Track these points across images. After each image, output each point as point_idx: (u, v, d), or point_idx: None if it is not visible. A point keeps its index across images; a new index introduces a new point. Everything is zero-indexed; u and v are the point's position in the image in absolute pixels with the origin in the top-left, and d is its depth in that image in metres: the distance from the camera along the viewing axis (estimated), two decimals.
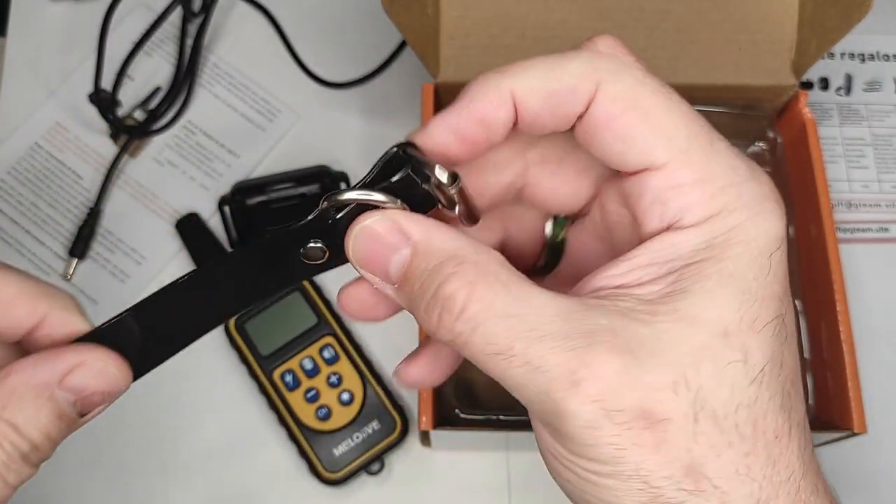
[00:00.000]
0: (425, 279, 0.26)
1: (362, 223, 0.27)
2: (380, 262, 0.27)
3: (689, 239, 0.26)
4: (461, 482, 0.54)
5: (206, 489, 0.54)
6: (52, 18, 0.65)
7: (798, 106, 0.54)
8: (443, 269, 0.25)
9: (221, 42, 0.65)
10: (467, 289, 0.25)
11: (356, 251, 0.27)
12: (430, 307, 0.25)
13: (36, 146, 0.62)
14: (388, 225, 0.26)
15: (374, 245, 0.27)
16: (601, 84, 0.26)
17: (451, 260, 0.25)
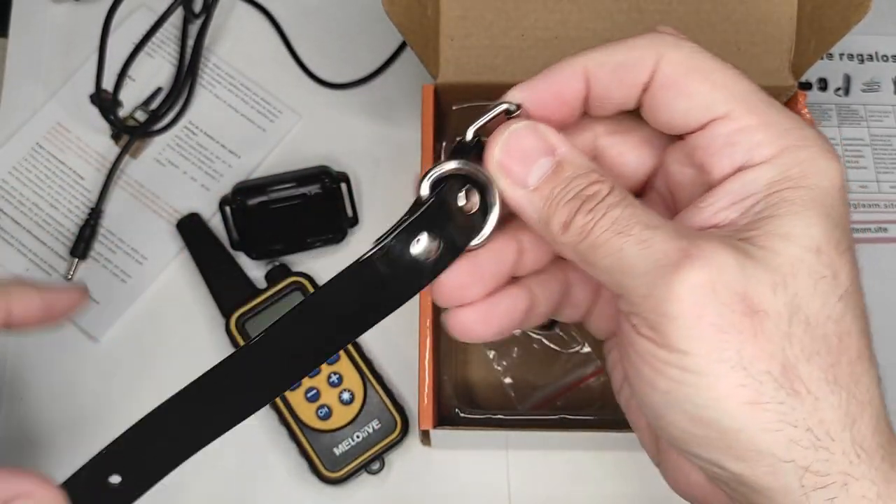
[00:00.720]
0: (570, 182, 0.28)
1: (515, 125, 0.29)
2: (524, 164, 0.29)
3: (763, 174, 0.28)
4: (461, 481, 0.54)
5: (207, 489, 0.54)
6: (53, 19, 0.65)
7: (797, 106, 0.54)
8: (589, 176, 0.28)
9: (222, 43, 0.65)
10: (608, 188, 0.28)
11: (503, 150, 0.29)
12: (572, 202, 0.28)
13: (37, 146, 0.62)
14: (538, 132, 0.29)
15: (524, 145, 0.29)
16: (663, 54, 0.29)
17: (594, 171, 0.29)
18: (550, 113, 0.30)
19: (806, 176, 0.27)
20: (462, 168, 0.29)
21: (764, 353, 0.25)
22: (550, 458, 0.54)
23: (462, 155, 0.30)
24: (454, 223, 0.30)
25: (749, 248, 0.26)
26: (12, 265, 0.59)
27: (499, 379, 0.53)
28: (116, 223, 0.60)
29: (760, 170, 0.28)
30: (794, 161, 0.27)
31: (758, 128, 0.28)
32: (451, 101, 0.54)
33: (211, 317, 0.57)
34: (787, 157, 0.27)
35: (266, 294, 0.56)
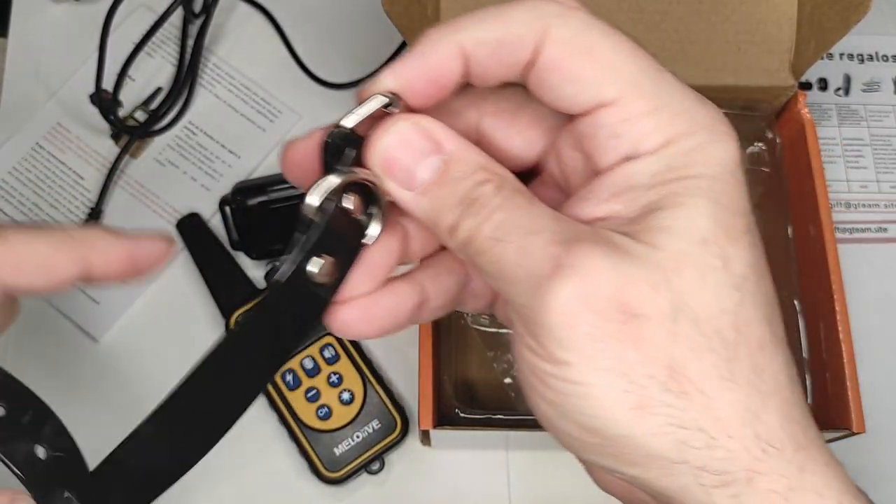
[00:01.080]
0: (458, 184, 0.27)
1: (395, 125, 0.27)
2: (407, 166, 0.27)
3: (646, 165, 0.26)
4: (461, 481, 0.54)
5: (207, 489, 0.54)
6: (53, 19, 0.65)
7: (797, 106, 0.54)
8: (476, 176, 0.27)
9: (222, 43, 0.65)
10: (493, 190, 0.26)
11: (383, 152, 0.28)
12: (457, 207, 0.27)
13: (37, 146, 0.62)
14: (420, 131, 0.27)
15: (405, 149, 0.27)
16: (548, 29, 0.26)
17: (482, 170, 0.27)
18: (427, 98, 0.28)
19: (693, 164, 0.26)
20: (348, 179, 0.27)
21: (647, 356, 0.24)
22: (550, 459, 0.54)
23: (338, 154, 0.28)
24: (345, 232, 0.28)
25: (631, 245, 0.25)
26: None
27: (499, 379, 0.53)
28: (116, 223, 0.60)
29: (645, 161, 0.26)
30: (681, 151, 0.26)
31: (646, 115, 0.26)
32: None
33: (211, 317, 0.57)
34: (673, 147, 0.26)
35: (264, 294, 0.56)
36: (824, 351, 0.50)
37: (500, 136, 0.30)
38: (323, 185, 0.27)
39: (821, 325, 0.50)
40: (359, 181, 0.28)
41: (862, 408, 0.47)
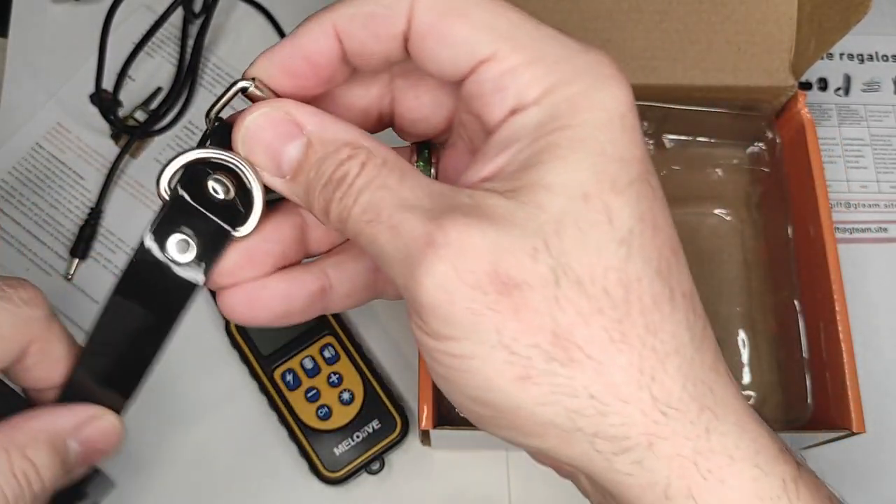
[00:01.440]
0: (322, 165, 0.26)
1: (253, 114, 0.27)
2: (273, 153, 0.27)
3: (530, 116, 0.25)
4: (462, 481, 0.54)
5: (207, 489, 0.54)
6: (53, 19, 0.65)
7: (797, 106, 0.54)
8: (339, 155, 0.26)
9: (223, 43, 0.65)
10: (358, 167, 0.26)
11: (246, 142, 0.28)
12: (326, 188, 0.26)
13: (37, 146, 0.62)
14: (280, 115, 0.27)
15: (267, 135, 0.27)
16: (413, 8, 0.26)
17: (346, 146, 0.26)
18: (305, 81, 0.28)
19: (576, 112, 0.25)
20: (206, 156, 0.27)
21: (529, 326, 0.24)
22: None
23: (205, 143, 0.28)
24: (210, 215, 0.28)
25: (510, 208, 0.24)
26: (13, 265, 0.59)
27: None
28: (117, 223, 0.60)
29: (529, 113, 0.25)
30: (563, 97, 0.25)
31: (525, 66, 0.25)
32: None
33: (211, 317, 0.57)
34: (556, 94, 0.25)
35: None
36: (824, 351, 0.50)
37: (410, 96, 0.30)
38: (173, 164, 0.28)
39: (821, 325, 0.50)
40: (222, 160, 0.27)
41: (862, 408, 0.47)
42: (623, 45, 0.53)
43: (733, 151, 0.58)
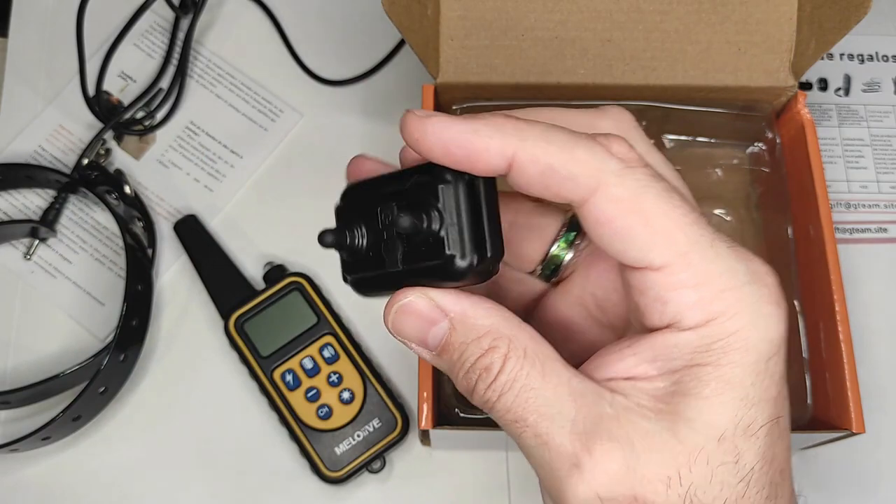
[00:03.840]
0: (464, 350, 0.28)
1: (400, 301, 0.28)
2: (418, 335, 0.29)
3: (688, 341, 0.27)
4: (462, 481, 0.54)
5: (208, 489, 0.54)
6: (53, 19, 0.65)
7: (797, 107, 0.54)
8: (481, 343, 0.28)
9: (224, 43, 0.65)
10: (501, 361, 0.27)
11: (396, 325, 0.29)
12: (470, 374, 0.28)
13: (40, 149, 0.62)
14: (426, 302, 0.28)
15: (414, 319, 0.28)
16: (602, 184, 0.26)
17: (487, 335, 0.28)
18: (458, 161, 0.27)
19: (729, 351, 0.26)
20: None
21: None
22: None
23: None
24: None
25: (651, 431, 0.26)
26: (14, 266, 0.59)
27: None
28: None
29: (687, 336, 0.27)
30: (721, 333, 0.26)
31: (691, 289, 0.26)
32: (451, 100, 0.54)
33: (210, 318, 0.57)
34: (714, 328, 0.26)
35: (264, 295, 0.56)
36: (824, 351, 0.50)
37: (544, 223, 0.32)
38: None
39: (821, 325, 0.50)
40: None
41: (862, 408, 0.47)
42: (623, 45, 0.53)
43: (733, 151, 0.58)
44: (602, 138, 0.27)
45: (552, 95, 0.54)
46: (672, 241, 0.26)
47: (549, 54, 0.53)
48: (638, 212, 0.26)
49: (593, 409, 0.27)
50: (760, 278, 0.27)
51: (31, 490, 0.54)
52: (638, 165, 0.27)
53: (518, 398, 0.27)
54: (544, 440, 0.27)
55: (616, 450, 0.26)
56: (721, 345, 0.26)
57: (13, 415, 0.55)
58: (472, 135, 0.27)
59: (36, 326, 0.58)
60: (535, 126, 0.27)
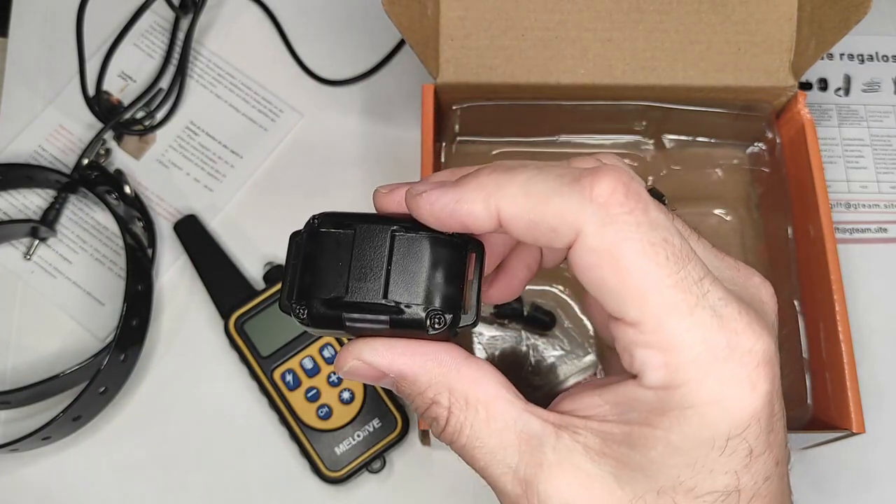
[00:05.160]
0: (413, 400, 0.29)
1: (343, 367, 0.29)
2: (373, 383, 0.30)
3: (647, 399, 0.26)
4: (462, 480, 0.54)
5: (208, 489, 0.54)
6: (54, 19, 0.65)
7: (797, 107, 0.54)
8: (424, 397, 0.29)
9: (224, 43, 0.65)
10: (445, 413, 0.28)
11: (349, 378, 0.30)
12: (424, 419, 0.29)
13: (40, 149, 0.62)
14: (365, 367, 0.29)
15: (362, 377, 0.30)
16: (581, 233, 0.26)
17: (429, 389, 0.29)
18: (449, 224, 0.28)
19: (683, 422, 0.26)
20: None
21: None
22: None
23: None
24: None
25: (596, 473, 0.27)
26: (14, 266, 0.59)
27: None
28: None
29: (647, 394, 0.26)
30: (679, 402, 0.26)
31: (659, 351, 0.26)
32: (451, 100, 0.54)
33: (210, 318, 0.57)
34: (674, 393, 0.26)
35: (264, 295, 0.56)
36: (824, 351, 0.50)
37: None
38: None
39: (821, 325, 0.50)
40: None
41: (862, 408, 0.47)
42: (623, 45, 0.53)
43: (733, 151, 0.58)
44: (587, 178, 0.26)
45: (552, 95, 0.54)
46: (646, 301, 0.25)
47: (549, 54, 0.53)
48: (614, 265, 0.26)
49: (536, 455, 0.27)
50: (740, 356, 0.26)
51: (31, 490, 0.54)
52: (621, 211, 0.26)
53: (466, 444, 0.28)
54: (492, 483, 0.28)
55: (553, 499, 0.27)
56: (677, 414, 0.26)
57: (13, 415, 0.55)
58: (457, 204, 0.27)
59: (36, 326, 0.58)
60: (518, 176, 0.27)
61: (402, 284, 0.28)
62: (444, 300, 0.28)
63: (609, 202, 0.26)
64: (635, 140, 0.57)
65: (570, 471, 0.27)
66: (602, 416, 0.28)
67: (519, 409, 0.28)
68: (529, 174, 0.27)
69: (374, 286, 0.28)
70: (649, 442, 0.26)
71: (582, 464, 0.27)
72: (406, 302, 0.28)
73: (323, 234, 0.29)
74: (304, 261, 0.29)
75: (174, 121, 0.63)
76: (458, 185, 0.27)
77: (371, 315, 0.28)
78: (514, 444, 0.28)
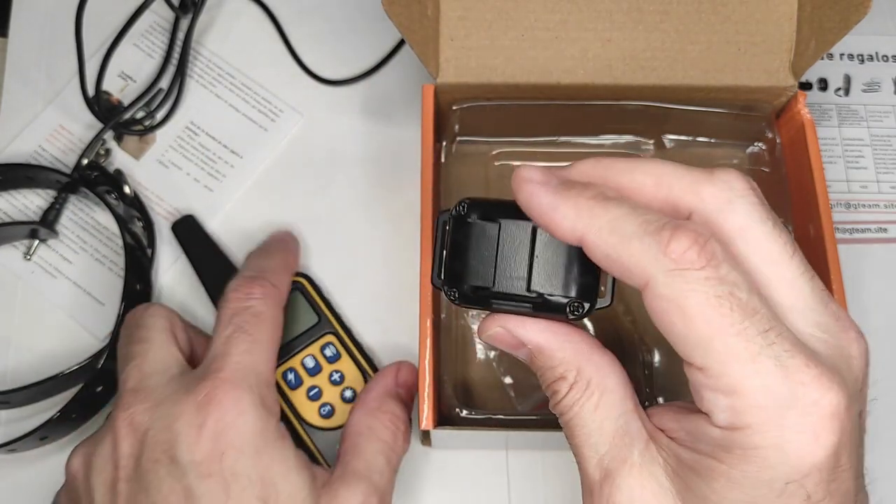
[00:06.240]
0: (543, 373, 0.33)
1: (488, 332, 0.33)
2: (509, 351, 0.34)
3: (714, 436, 0.28)
4: (462, 480, 0.54)
5: None
6: (53, 19, 0.65)
7: (797, 107, 0.54)
8: (554, 372, 0.32)
9: (224, 43, 0.65)
10: (566, 389, 0.32)
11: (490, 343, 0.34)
12: (547, 390, 0.33)
13: (40, 149, 0.62)
14: (509, 335, 0.33)
15: (502, 344, 0.33)
16: (651, 281, 0.28)
17: (560, 365, 0.32)
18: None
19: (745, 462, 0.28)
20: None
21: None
22: (550, 459, 0.54)
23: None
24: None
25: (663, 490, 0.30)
26: (14, 266, 0.59)
27: (499, 379, 0.53)
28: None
29: (714, 431, 0.28)
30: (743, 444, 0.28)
31: (725, 395, 0.28)
32: (451, 100, 0.54)
33: (209, 317, 0.57)
34: (739, 435, 0.28)
35: None
36: None
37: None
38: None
39: None
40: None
41: None
42: (623, 45, 0.53)
43: (733, 151, 0.58)
44: (667, 231, 0.28)
45: (552, 95, 0.54)
46: (710, 348, 0.27)
47: (549, 54, 0.53)
48: (680, 313, 0.28)
49: (623, 452, 0.31)
50: (804, 406, 0.27)
51: (29, 490, 0.54)
52: (693, 267, 0.27)
53: (571, 421, 0.32)
54: (578, 460, 0.32)
55: (623, 494, 0.30)
56: (740, 453, 0.28)
57: (14, 415, 0.55)
58: (552, 211, 0.30)
59: (36, 326, 0.58)
60: (609, 213, 0.29)
61: (543, 276, 0.31)
62: (582, 289, 0.31)
63: (681, 258, 0.28)
64: (635, 140, 0.57)
65: (648, 478, 0.30)
66: (681, 440, 0.30)
67: (626, 407, 0.31)
68: (622, 212, 0.29)
69: (519, 278, 0.32)
70: (713, 474, 0.28)
71: (658, 475, 0.30)
72: (548, 292, 0.31)
73: (469, 224, 0.32)
74: (452, 245, 0.33)
75: (174, 121, 0.63)
76: (560, 192, 0.30)
77: (515, 302, 0.32)
78: (609, 436, 0.31)
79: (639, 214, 0.29)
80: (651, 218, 0.29)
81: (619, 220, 0.29)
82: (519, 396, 0.53)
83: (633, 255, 0.28)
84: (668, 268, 0.28)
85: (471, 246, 0.32)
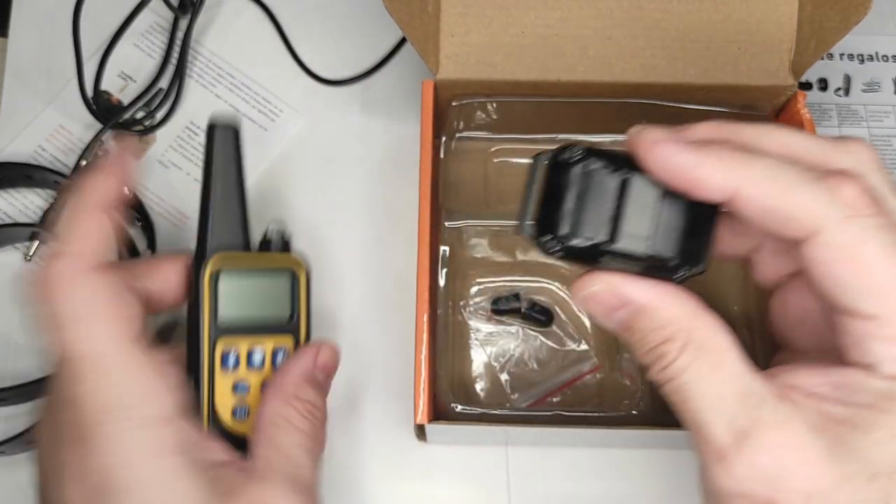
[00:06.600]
0: (646, 335, 0.31)
1: (588, 289, 0.31)
2: (603, 316, 0.32)
3: (878, 387, 0.28)
4: (461, 477, 0.54)
5: None
6: (53, 19, 0.66)
7: (797, 106, 0.54)
8: (662, 333, 0.30)
9: (222, 42, 0.65)
10: (676, 352, 0.30)
11: (584, 305, 0.32)
12: (648, 355, 0.31)
13: (40, 149, 0.62)
14: (611, 294, 0.31)
15: (599, 306, 0.31)
16: (822, 229, 0.27)
17: (668, 325, 0.30)
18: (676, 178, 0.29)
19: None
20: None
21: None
22: (550, 455, 0.54)
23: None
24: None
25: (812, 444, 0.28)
26: (15, 267, 0.59)
27: (495, 375, 0.53)
28: None
29: (879, 382, 0.28)
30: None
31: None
32: (451, 97, 0.54)
33: None
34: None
35: (260, 260, 0.45)
36: None
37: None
38: None
39: None
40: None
41: None
42: (623, 43, 0.53)
43: None
44: (833, 179, 0.27)
45: (552, 93, 0.54)
46: (888, 295, 0.27)
47: (549, 51, 0.53)
48: (856, 260, 0.27)
49: (755, 411, 0.28)
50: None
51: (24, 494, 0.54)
52: (867, 213, 0.27)
53: (685, 385, 0.29)
54: (697, 427, 0.29)
55: (765, 454, 0.28)
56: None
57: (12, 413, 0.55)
58: (697, 168, 0.28)
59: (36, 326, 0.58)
60: (761, 162, 0.28)
61: (664, 237, 0.30)
62: (693, 252, 0.30)
63: (855, 204, 0.27)
64: None
65: (789, 434, 0.28)
66: (825, 396, 0.29)
67: (744, 368, 0.29)
68: (773, 162, 0.28)
69: (640, 237, 0.30)
70: (874, 425, 0.27)
71: (800, 431, 0.28)
72: (665, 254, 0.30)
73: (582, 172, 0.30)
74: (552, 192, 0.30)
75: (174, 121, 0.63)
76: (698, 150, 0.29)
77: (629, 261, 0.30)
78: (733, 397, 0.29)
79: (790, 165, 0.28)
80: (805, 168, 0.28)
81: (776, 170, 0.28)
82: (515, 392, 0.53)
83: (800, 202, 0.27)
84: (844, 214, 0.27)
85: (586, 196, 0.30)
